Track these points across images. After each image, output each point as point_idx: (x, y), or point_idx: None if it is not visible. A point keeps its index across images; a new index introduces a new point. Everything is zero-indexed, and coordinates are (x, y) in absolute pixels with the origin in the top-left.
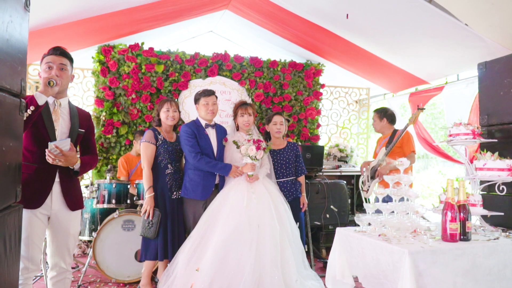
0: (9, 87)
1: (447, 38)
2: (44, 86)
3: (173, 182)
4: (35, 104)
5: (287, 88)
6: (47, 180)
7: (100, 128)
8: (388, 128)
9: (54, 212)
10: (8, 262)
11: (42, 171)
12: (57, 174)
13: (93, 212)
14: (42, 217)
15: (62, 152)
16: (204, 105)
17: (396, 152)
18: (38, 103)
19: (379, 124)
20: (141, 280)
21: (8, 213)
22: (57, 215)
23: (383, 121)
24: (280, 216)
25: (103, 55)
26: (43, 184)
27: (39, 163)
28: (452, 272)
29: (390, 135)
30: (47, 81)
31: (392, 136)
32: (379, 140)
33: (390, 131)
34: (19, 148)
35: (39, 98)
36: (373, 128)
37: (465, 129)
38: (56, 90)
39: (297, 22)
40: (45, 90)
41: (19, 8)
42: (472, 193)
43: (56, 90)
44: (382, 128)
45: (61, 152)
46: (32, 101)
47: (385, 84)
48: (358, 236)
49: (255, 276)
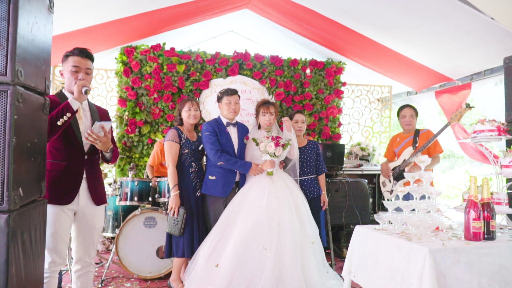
0: (34, 86)
1: (472, 33)
2: (79, 94)
3: (197, 180)
4: (72, 111)
5: (308, 87)
6: (76, 177)
7: (123, 127)
8: (414, 127)
9: (81, 208)
10: (33, 253)
11: (71, 168)
12: (84, 171)
13: (116, 209)
14: (69, 213)
15: (105, 133)
16: (226, 104)
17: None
18: (74, 109)
19: (415, 122)
20: (171, 275)
21: (34, 207)
22: (84, 210)
23: (416, 119)
24: (300, 214)
25: (126, 56)
26: (73, 181)
27: (68, 160)
28: (478, 273)
29: (413, 134)
30: (82, 89)
31: (415, 135)
32: (397, 139)
33: (414, 130)
34: (43, 145)
35: (74, 104)
36: (407, 125)
37: (490, 126)
38: (87, 97)
39: (318, 20)
40: (80, 97)
41: (44, 10)
42: (497, 191)
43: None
44: (414, 127)
45: (104, 134)
46: (68, 107)
47: (408, 82)
48: (375, 234)
49: (275, 274)
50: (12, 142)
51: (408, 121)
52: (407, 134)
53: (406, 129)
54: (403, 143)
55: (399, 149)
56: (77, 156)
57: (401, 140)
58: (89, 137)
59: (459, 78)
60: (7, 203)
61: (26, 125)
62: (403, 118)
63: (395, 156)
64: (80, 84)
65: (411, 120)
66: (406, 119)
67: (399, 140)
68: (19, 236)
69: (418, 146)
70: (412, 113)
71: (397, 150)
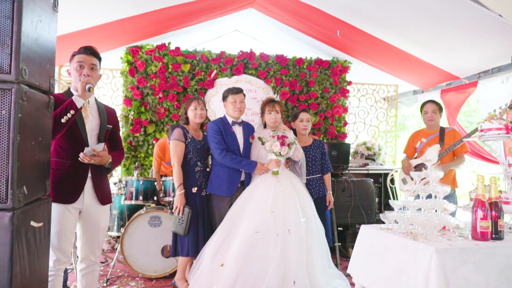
0: (38, 84)
1: (479, 30)
2: (82, 91)
3: (203, 179)
4: (75, 108)
5: (313, 86)
6: (81, 176)
7: (128, 126)
8: (438, 124)
9: (86, 207)
10: (38, 251)
11: (76, 167)
12: (89, 170)
13: (121, 208)
14: (74, 212)
15: (97, 154)
16: (232, 102)
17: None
18: (78, 107)
19: (438, 117)
20: (176, 274)
21: (38, 205)
22: (89, 209)
23: (441, 115)
24: (306, 214)
25: (131, 56)
26: (78, 180)
27: (73, 159)
28: (484, 273)
29: (438, 131)
30: (85, 87)
31: (441, 133)
32: (419, 135)
33: (438, 127)
34: (48, 144)
35: (78, 101)
36: (430, 121)
37: (498, 124)
38: (92, 94)
39: (323, 19)
40: (83, 94)
41: (48, 9)
42: (505, 190)
43: (92, 94)
44: (437, 123)
45: (97, 154)
46: (72, 105)
47: (414, 81)
48: (381, 234)
49: (280, 274)
50: (16, 140)
51: (431, 116)
52: (431, 131)
53: (429, 125)
54: (427, 139)
55: (423, 145)
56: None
57: (425, 136)
58: (84, 159)
59: (466, 77)
60: (11, 201)
61: (30, 123)
62: (426, 114)
63: (415, 153)
64: (84, 81)
65: (433, 115)
66: (428, 115)
67: (422, 136)
68: (23, 234)
69: (444, 144)
70: (434, 109)
71: (420, 146)
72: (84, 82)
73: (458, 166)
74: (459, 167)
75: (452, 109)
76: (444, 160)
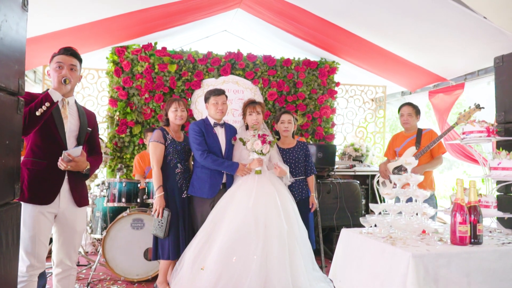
0: (4, 86)
1: (465, 32)
2: (58, 83)
3: (183, 181)
4: (51, 100)
5: (301, 87)
6: (57, 177)
7: (114, 127)
8: (416, 127)
9: (62, 210)
10: (5, 258)
11: (52, 168)
12: (65, 172)
13: (104, 210)
14: (49, 216)
15: (73, 159)
16: (213, 104)
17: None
18: (53, 100)
19: (414, 120)
20: (158, 277)
21: (5, 210)
22: (65, 212)
23: (417, 118)
24: (288, 215)
25: (117, 56)
26: (54, 181)
27: (49, 159)
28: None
29: (415, 133)
30: (61, 79)
31: (418, 135)
32: (398, 138)
33: (416, 129)
34: (17, 146)
35: (54, 94)
36: (405, 124)
37: (480, 127)
38: (69, 88)
39: (310, 20)
40: (59, 87)
41: (16, 8)
42: (486, 194)
43: (69, 88)
44: (414, 126)
45: (72, 160)
46: (47, 97)
47: (402, 82)
48: (360, 238)
49: (262, 276)
50: None
51: (406, 119)
52: (409, 133)
53: (405, 128)
54: (404, 142)
55: (401, 148)
56: (59, 156)
57: (403, 139)
58: (60, 165)
59: (453, 78)
60: None
61: None
62: (402, 117)
63: (395, 156)
64: (60, 75)
65: (408, 118)
66: (404, 118)
67: (400, 139)
68: None
69: (421, 146)
70: (410, 112)
71: (398, 149)
72: (60, 76)
73: (435, 167)
74: (436, 168)
75: (442, 111)
76: (421, 161)
